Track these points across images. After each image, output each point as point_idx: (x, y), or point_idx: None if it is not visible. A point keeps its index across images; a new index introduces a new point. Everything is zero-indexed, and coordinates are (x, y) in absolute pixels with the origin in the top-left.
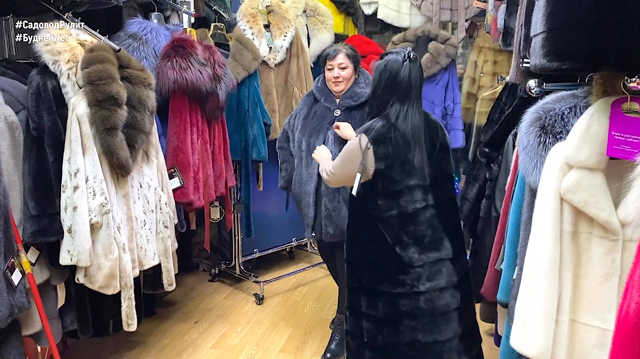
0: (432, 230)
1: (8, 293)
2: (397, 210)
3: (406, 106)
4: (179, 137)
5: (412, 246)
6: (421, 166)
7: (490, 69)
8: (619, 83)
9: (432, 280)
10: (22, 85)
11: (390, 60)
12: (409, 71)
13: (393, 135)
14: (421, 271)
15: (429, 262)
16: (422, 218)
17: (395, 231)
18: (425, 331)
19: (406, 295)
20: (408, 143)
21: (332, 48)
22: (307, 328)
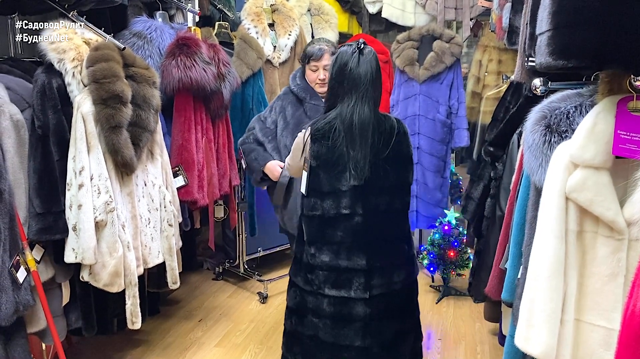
0: (352, 239)
1: (13, 290)
2: (320, 211)
3: (354, 100)
4: (183, 136)
5: (326, 250)
6: (361, 166)
7: (495, 68)
8: (625, 81)
9: (338, 288)
10: (28, 83)
11: (341, 52)
12: (357, 63)
13: (333, 134)
14: (329, 276)
15: (339, 269)
16: (345, 225)
17: (313, 231)
18: (325, 332)
19: (312, 294)
20: (352, 139)
21: (315, 47)
22: None
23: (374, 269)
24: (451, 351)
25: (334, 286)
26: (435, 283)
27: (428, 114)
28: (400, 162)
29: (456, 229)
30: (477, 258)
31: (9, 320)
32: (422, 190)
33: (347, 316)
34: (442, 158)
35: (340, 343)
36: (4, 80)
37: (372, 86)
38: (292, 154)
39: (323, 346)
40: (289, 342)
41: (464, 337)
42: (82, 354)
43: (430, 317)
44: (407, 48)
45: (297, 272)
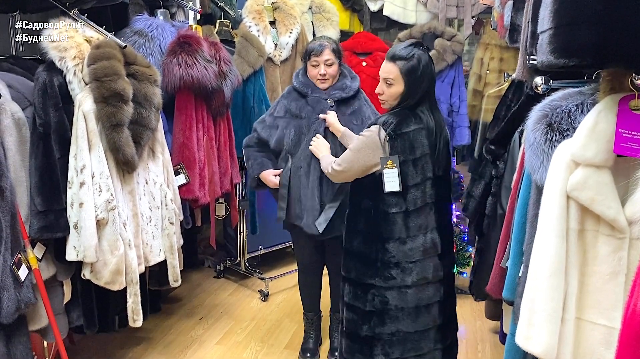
0: (428, 226)
1: (15, 288)
2: (403, 206)
3: (430, 96)
4: (184, 134)
5: (408, 242)
6: (437, 159)
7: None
8: (627, 80)
9: (420, 274)
10: (29, 81)
11: (424, 56)
12: (424, 62)
13: (411, 128)
14: (412, 267)
15: (420, 258)
16: (424, 214)
17: (397, 227)
18: (408, 323)
19: (395, 288)
20: (432, 136)
21: (316, 43)
22: None
23: (444, 251)
24: None
25: (418, 274)
26: None
27: None
28: (448, 149)
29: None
30: (478, 257)
31: (11, 318)
32: None
33: (427, 300)
34: None
35: (422, 328)
36: (5, 78)
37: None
38: (356, 156)
39: (406, 337)
40: (366, 347)
41: (465, 335)
42: (84, 352)
43: None
44: None
45: (373, 274)
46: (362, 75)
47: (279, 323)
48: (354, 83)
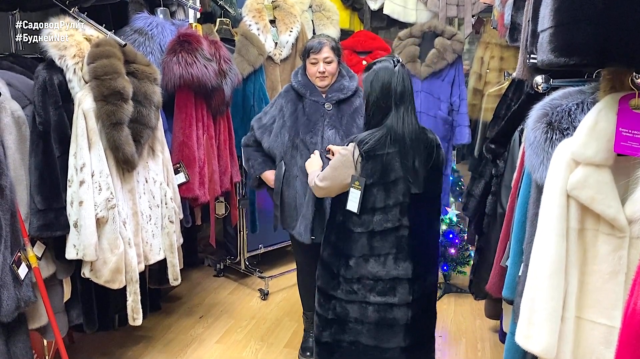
0: (398, 249)
1: (15, 286)
2: (367, 226)
3: (402, 113)
4: (184, 132)
5: (372, 261)
6: (419, 174)
7: (496, 65)
8: (627, 79)
9: (384, 295)
10: (29, 80)
11: (382, 68)
12: (402, 76)
13: (386, 151)
14: (374, 285)
15: (385, 279)
16: (392, 237)
17: (360, 245)
18: (369, 336)
19: (356, 303)
20: (406, 151)
21: (315, 40)
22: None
23: (417, 276)
24: (452, 348)
25: (380, 294)
26: None
27: (429, 111)
28: (437, 173)
29: (457, 226)
30: (478, 256)
31: (11, 316)
32: None
33: (391, 321)
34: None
35: (383, 345)
36: (5, 77)
37: (412, 99)
38: (333, 172)
39: (365, 349)
40: (325, 352)
41: (465, 334)
42: (84, 351)
43: None
44: (408, 45)
45: (335, 286)
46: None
47: (278, 321)
48: (351, 83)
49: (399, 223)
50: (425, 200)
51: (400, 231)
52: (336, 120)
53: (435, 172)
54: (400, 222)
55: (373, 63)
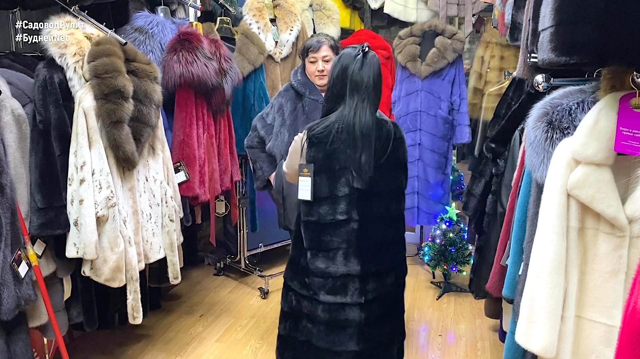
0: (347, 245)
1: (15, 285)
2: (316, 216)
3: (356, 103)
4: (184, 131)
5: (321, 256)
6: (365, 170)
7: (497, 64)
8: (628, 78)
9: (334, 294)
10: (29, 78)
11: (344, 54)
12: (361, 65)
13: (332, 138)
14: (324, 282)
15: (334, 276)
16: (340, 231)
17: (310, 236)
18: (319, 338)
19: (308, 299)
20: (354, 143)
21: (314, 39)
22: None
23: (369, 274)
24: (452, 348)
25: (329, 292)
26: (436, 280)
27: (430, 110)
28: (395, 168)
29: (457, 225)
30: (478, 255)
31: (11, 314)
32: (423, 186)
33: (343, 322)
34: (443, 155)
35: (335, 348)
36: (6, 75)
37: (374, 90)
38: (289, 159)
39: (317, 352)
40: (282, 347)
41: (465, 333)
42: (84, 349)
43: (430, 313)
44: (409, 44)
45: (293, 276)
46: None
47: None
48: None
49: (347, 216)
50: (378, 194)
51: (350, 224)
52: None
53: (392, 167)
54: (350, 215)
55: (344, 49)
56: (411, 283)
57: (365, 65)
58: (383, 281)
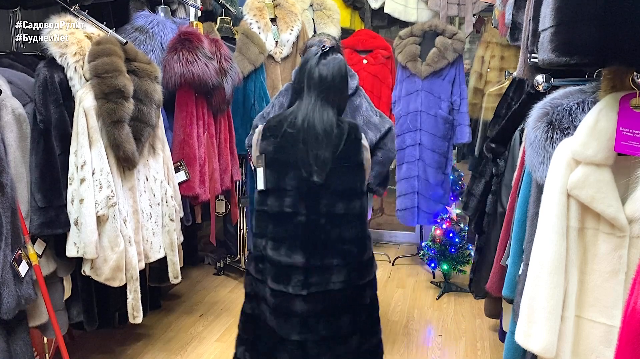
0: (293, 237)
1: (15, 284)
2: (266, 207)
3: (312, 100)
4: (185, 131)
5: (270, 244)
6: (311, 165)
7: (497, 64)
8: (628, 78)
9: (278, 282)
10: (30, 77)
11: (309, 52)
12: (317, 63)
13: (282, 132)
14: (271, 269)
15: (279, 265)
16: (287, 223)
17: (261, 225)
18: (270, 320)
19: (262, 282)
20: (303, 139)
21: (315, 39)
22: None
23: (313, 268)
24: (452, 347)
25: (274, 279)
26: (436, 279)
27: (430, 110)
28: (347, 167)
29: (457, 225)
30: (478, 255)
31: (11, 314)
32: (424, 186)
33: (286, 310)
34: (443, 155)
35: (281, 334)
36: (6, 74)
37: (332, 90)
38: (252, 150)
39: (271, 331)
40: (247, 323)
41: (465, 333)
42: (84, 348)
43: (430, 313)
44: (409, 44)
45: (250, 261)
46: (363, 72)
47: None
48: (352, 82)
49: (293, 210)
50: (329, 192)
51: (297, 218)
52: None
53: (345, 165)
54: (297, 209)
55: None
56: (411, 283)
57: (322, 64)
58: (329, 276)
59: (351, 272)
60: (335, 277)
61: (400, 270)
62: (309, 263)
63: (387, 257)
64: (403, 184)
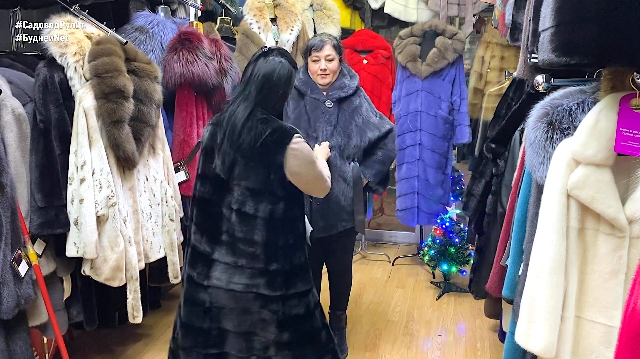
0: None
1: (15, 284)
2: (195, 191)
3: (239, 96)
4: (185, 131)
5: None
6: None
7: (497, 65)
8: (628, 79)
9: (190, 266)
10: (30, 77)
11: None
12: (255, 60)
13: (219, 121)
14: (189, 254)
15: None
16: (204, 210)
17: (191, 208)
18: (183, 311)
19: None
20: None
21: (317, 38)
22: None
23: (217, 262)
24: (451, 348)
25: (189, 263)
26: (436, 280)
27: (430, 110)
28: (260, 167)
29: (457, 225)
30: (478, 255)
31: (11, 313)
32: (424, 187)
33: (193, 298)
34: (443, 155)
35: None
36: (6, 74)
37: (260, 89)
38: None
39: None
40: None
41: (465, 334)
42: (84, 348)
43: (430, 313)
44: (409, 44)
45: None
46: (363, 73)
47: None
48: (352, 82)
49: (210, 198)
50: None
51: (213, 207)
52: (335, 118)
53: (257, 165)
54: (212, 198)
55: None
56: (411, 283)
57: (253, 63)
58: (231, 275)
59: (256, 277)
60: (238, 278)
61: (400, 270)
62: (213, 256)
63: (387, 257)
64: (403, 184)
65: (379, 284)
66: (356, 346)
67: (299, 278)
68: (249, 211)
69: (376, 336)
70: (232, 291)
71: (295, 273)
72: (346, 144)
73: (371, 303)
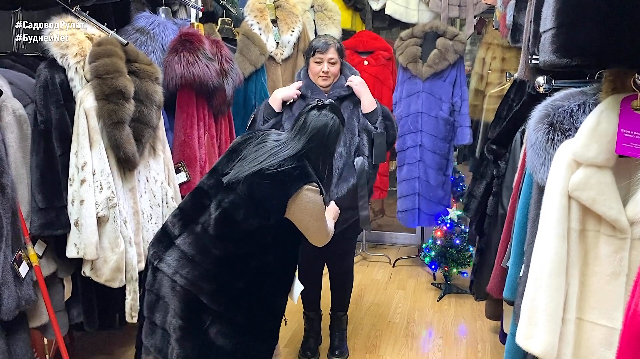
0: (186, 212)
1: (15, 285)
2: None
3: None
4: (185, 132)
5: (175, 211)
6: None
7: (498, 66)
8: (629, 80)
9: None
10: (30, 78)
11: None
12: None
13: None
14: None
15: (163, 228)
16: (198, 199)
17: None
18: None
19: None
20: (251, 141)
21: (321, 40)
22: None
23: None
24: (452, 349)
25: (152, 240)
26: (436, 281)
27: (431, 112)
28: (248, 203)
29: (458, 227)
30: (478, 256)
31: (11, 315)
32: (424, 188)
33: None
34: (444, 156)
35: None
36: (7, 75)
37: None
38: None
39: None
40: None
41: (465, 335)
42: (84, 349)
43: (431, 315)
44: (410, 45)
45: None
46: (364, 74)
47: None
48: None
49: (207, 189)
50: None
51: (203, 197)
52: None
53: (249, 198)
54: (209, 189)
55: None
56: (412, 285)
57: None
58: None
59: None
60: (184, 271)
61: (401, 271)
62: (177, 240)
63: (387, 259)
64: (404, 185)
65: (380, 285)
66: (357, 348)
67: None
68: (236, 218)
69: (377, 338)
70: (175, 284)
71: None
72: (351, 140)
73: (372, 305)
